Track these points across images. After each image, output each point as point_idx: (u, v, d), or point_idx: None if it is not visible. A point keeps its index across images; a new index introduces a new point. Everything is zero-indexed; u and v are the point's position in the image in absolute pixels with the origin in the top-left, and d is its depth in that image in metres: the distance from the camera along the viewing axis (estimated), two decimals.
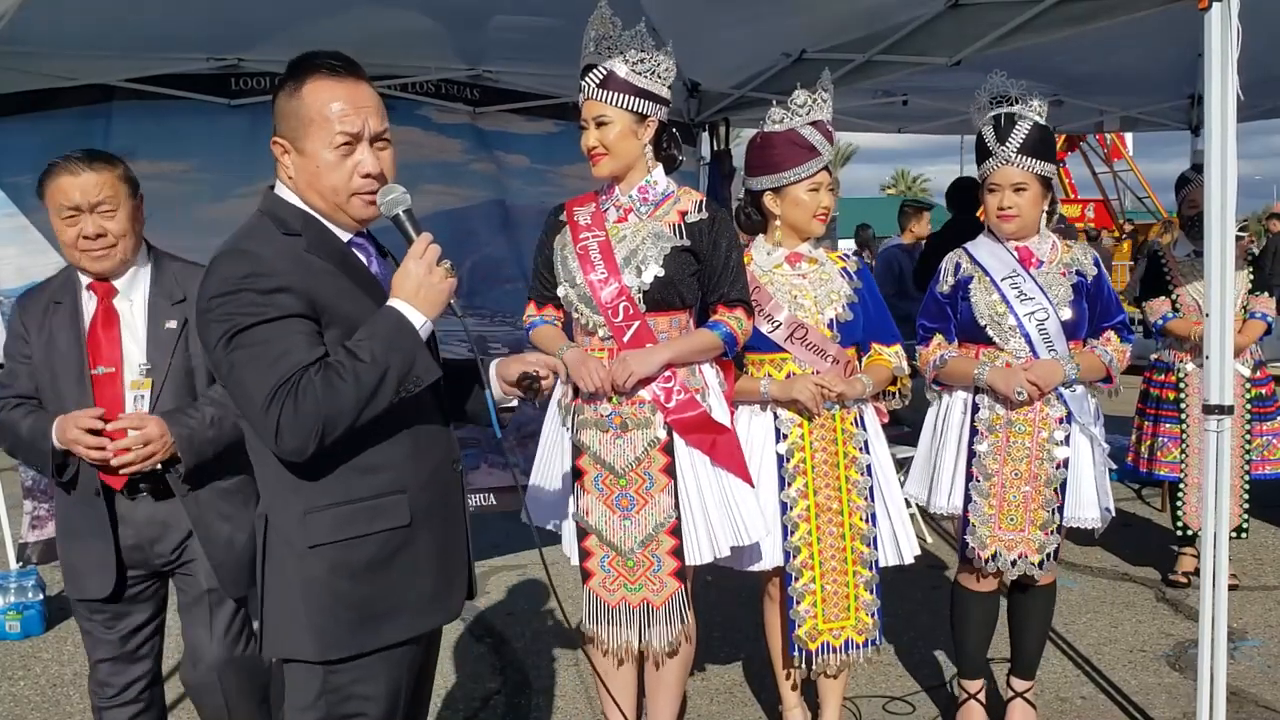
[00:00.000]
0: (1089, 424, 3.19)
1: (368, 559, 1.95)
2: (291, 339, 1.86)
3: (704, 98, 5.84)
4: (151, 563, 2.67)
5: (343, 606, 1.95)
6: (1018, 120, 3.15)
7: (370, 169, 1.97)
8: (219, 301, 1.87)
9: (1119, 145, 24.28)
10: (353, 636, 1.96)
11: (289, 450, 1.86)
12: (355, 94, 1.96)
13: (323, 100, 1.94)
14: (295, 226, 1.98)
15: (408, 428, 2.00)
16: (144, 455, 2.52)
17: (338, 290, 1.94)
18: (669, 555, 2.90)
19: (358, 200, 1.98)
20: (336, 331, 1.92)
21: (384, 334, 1.89)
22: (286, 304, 1.87)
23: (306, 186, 1.99)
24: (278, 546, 1.98)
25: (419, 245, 1.95)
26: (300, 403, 1.82)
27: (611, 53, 2.84)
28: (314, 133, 1.94)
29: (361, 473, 1.95)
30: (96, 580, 2.61)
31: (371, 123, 1.97)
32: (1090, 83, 5.93)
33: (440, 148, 5.10)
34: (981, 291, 3.24)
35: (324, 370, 1.85)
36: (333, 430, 1.85)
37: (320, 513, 1.94)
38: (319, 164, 1.95)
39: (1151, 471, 4.96)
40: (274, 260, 1.90)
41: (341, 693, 1.97)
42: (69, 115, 4.35)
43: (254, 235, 1.97)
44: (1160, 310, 4.79)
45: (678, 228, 2.91)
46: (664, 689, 3.04)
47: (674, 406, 2.88)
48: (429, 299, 1.93)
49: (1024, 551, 3.21)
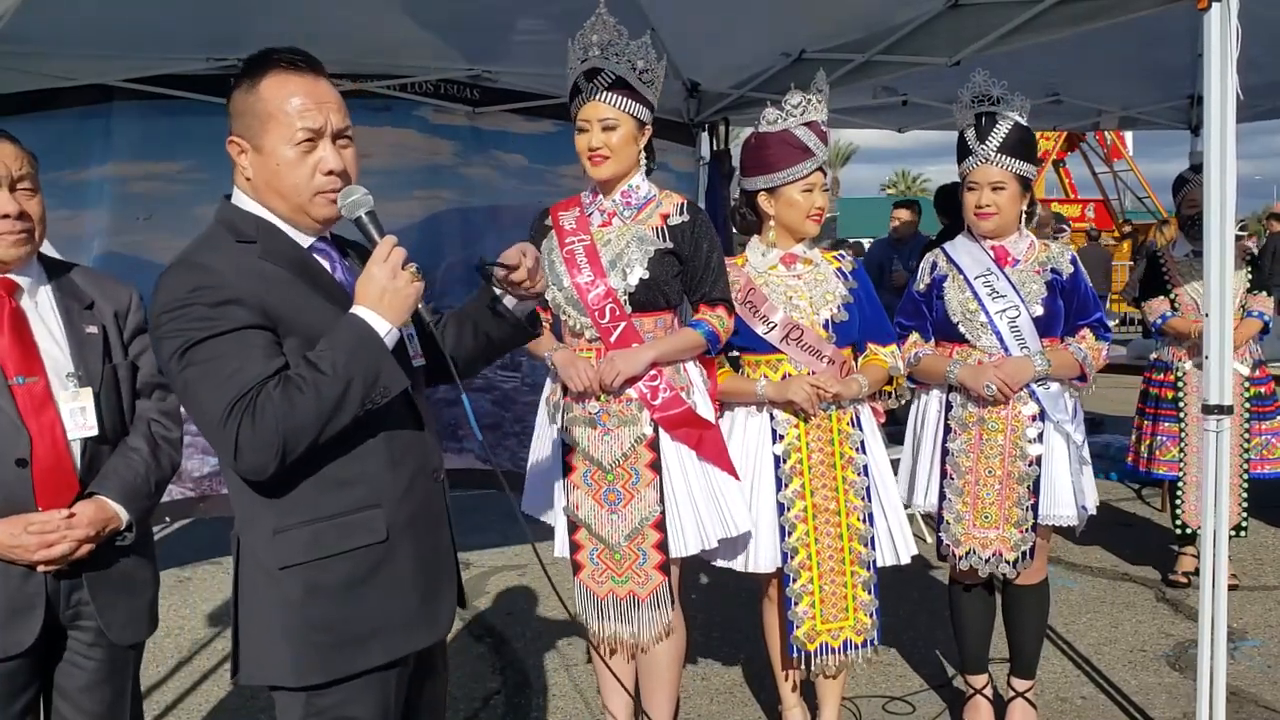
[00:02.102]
0: (1064, 421, 3.20)
1: (343, 578, 1.86)
2: (246, 352, 1.77)
3: (703, 98, 5.84)
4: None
5: (319, 631, 1.85)
6: (998, 120, 3.19)
7: (333, 166, 1.87)
8: (168, 317, 1.78)
9: (1119, 145, 24.30)
10: (331, 661, 1.85)
11: (249, 469, 1.77)
12: (316, 89, 1.87)
13: (282, 95, 1.85)
14: (249, 233, 1.89)
15: (382, 437, 1.89)
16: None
17: (295, 298, 1.85)
18: (654, 549, 2.96)
19: (320, 199, 1.88)
20: (296, 341, 1.83)
21: (346, 344, 1.79)
22: (238, 316, 1.77)
23: (265, 187, 1.89)
24: (249, 568, 1.90)
25: (383, 248, 1.84)
26: (259, 419, 1.73)
27: (619, 59, 2.90)
28: (273, 129, 1.85)
29: (334, 487, 1.85)
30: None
31: (334, 119, 1.88)
32: (1090, 83, 5.93)
33: (438, 148, 5.09)
34: (955, 290, 3.29)
35: (283, 384, 1.75)
36: (295, 447, 1.76)
37: (290, 531, 1.84)
38: (279, 162, 1.86)
39: (1150, 471, 4.96)
40: (224, 270, 1.80)
41: (328, 715, 1.88)
42: (69, 115, 4.35)
43: (204, 246, 1.89)
44: (1159, 310, 4.80)
45: (660, 231, 2.98)
46: (658, 681, 3.07)
47: (660, 404, 2.95)
48: (394, 305, 1.82)
49: (998, 550, 3.22)
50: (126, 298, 2.33)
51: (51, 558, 2.08)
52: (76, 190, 4.36)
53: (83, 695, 2.21)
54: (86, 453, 2.17)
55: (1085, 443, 3.29)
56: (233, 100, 1.90)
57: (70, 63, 4.21)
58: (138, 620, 2.27)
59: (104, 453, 2.21)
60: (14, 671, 2.11)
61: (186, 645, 4.47)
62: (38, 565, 2.09)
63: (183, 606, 4.93)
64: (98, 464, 2.19)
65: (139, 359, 2.31)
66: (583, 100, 2.91)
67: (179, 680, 4.11)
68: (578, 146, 2.95)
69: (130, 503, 2.18)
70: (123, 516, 2.17)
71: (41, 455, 2.10)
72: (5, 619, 2.08)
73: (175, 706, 3.88)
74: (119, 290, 2.33)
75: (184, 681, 4.09)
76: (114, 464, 2.20)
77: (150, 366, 2.33)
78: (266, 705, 3.82)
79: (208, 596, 5.09)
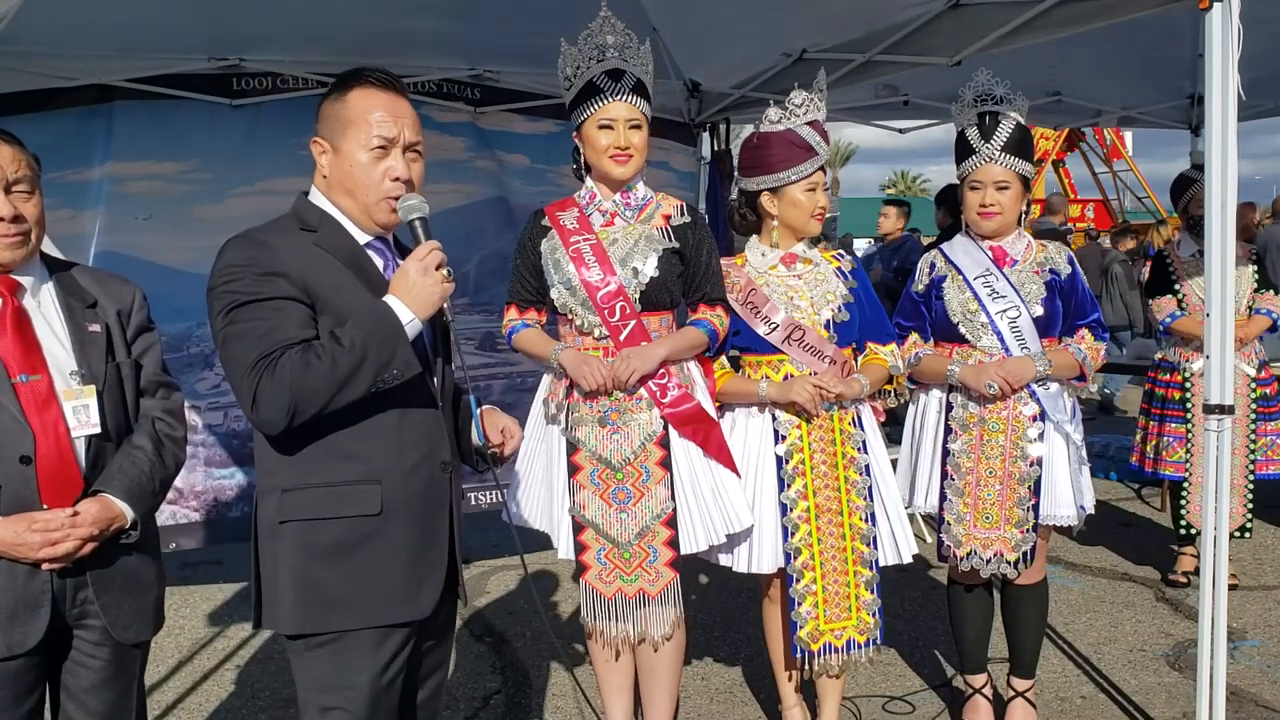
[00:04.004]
0: (1063, 421, 3.21)
1: (330, 542, 2.02)
2: (281, 318, 1.97)
3: (704, 98, 5.84)
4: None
5: (303, 584, 2.03)
6: (1001, 119, 3.21)
7: (400, 174, 2.08)
8: (222, 279, 2.00)
9: (1119, 145, 24.31)
10: (312, 615, 2.03)
11: (263, 421, 1.98)
12: (396, 105, 2.10)
13: (365, 106, 2.07)
14: (312, 223, 2.10)
15: (395, 420, 2.06)
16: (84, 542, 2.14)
17: (338, 283, 2.04)
18: (665, 546, 2.96)
19: (384, 204, 2.09)
20: (329, 319, 2.01)
21: (368, 324, 1.98)
22: (282, 288, 1.99)
23: (337, 185, 2.10)
24: (261, 523, 2.10)
25: (422, 249, 2.04)
26: (276, 377, 1.93)
27: (634, 63, 2.96)
28: (352, 134, 2.07)
29: (340, 458, 2.03)
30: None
31: (407, 132, 2.09)
32: (1090, 82, 5.94)
33: (443, 146, 5.09)
34: (955, 290, 3.29)
35: (305, 350, 1.95)
36: (306, 408, 1.95)
37: (295, 492, 2.03)
38: (352, 163, 2.07)
39: (1157, 471, 4.94)
40: (279, 249, 2.02)
41: (314, 672, 2.06)
42: (69, 115, 4.35)
43: (269, 227, 2.11)
44: (1167, 309, 4.79)
45: (665, 231, 3.02)
46: (660, 679, 3.07)
47: (669, 401, 2.97)
48: (420, 298, 2.01)
49: (1000, 550, 3.23)
50: (129, 297, 2.33)
51: (56, 556, 2.08)
52: (77, 190, 4.36)
53: (89, 694, 2.21)
54: (91, 450, 2.17)
55: (1084, 443, 3.29)
56: (322, 107, 2.13)
57: (71, 63, 4.22)
58: (143, 619, 2.27)
59: (108, 450, 2.20)
60: (21, 670, 2.11)
61: (187, 645, 4.46)
62: (42, 564, 2.09)
63: (183, 606, 4.93)
64: (102, 462, 2.18)
65: (142, 358, 2.32)
66: (605, 99, 2.92)
67: (179, 680, 4.11)
68: (596, 145, 2.94)
69: (135, 501, 2.18)
70: (128, 514, 2.17)
71: (45, 453, 2.10)
72: (11, 617, 2.09)
73: (176, 706, 3.88)
74: (122, 289, 2.33)
75: (184, 681, 4.09)
76: (118, 462, 2.20)
77: (153, 365, 2.33)
78: (267, 705, 3.84)
79: (208, 596, 5.09)
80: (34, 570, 2.10)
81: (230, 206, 4.49)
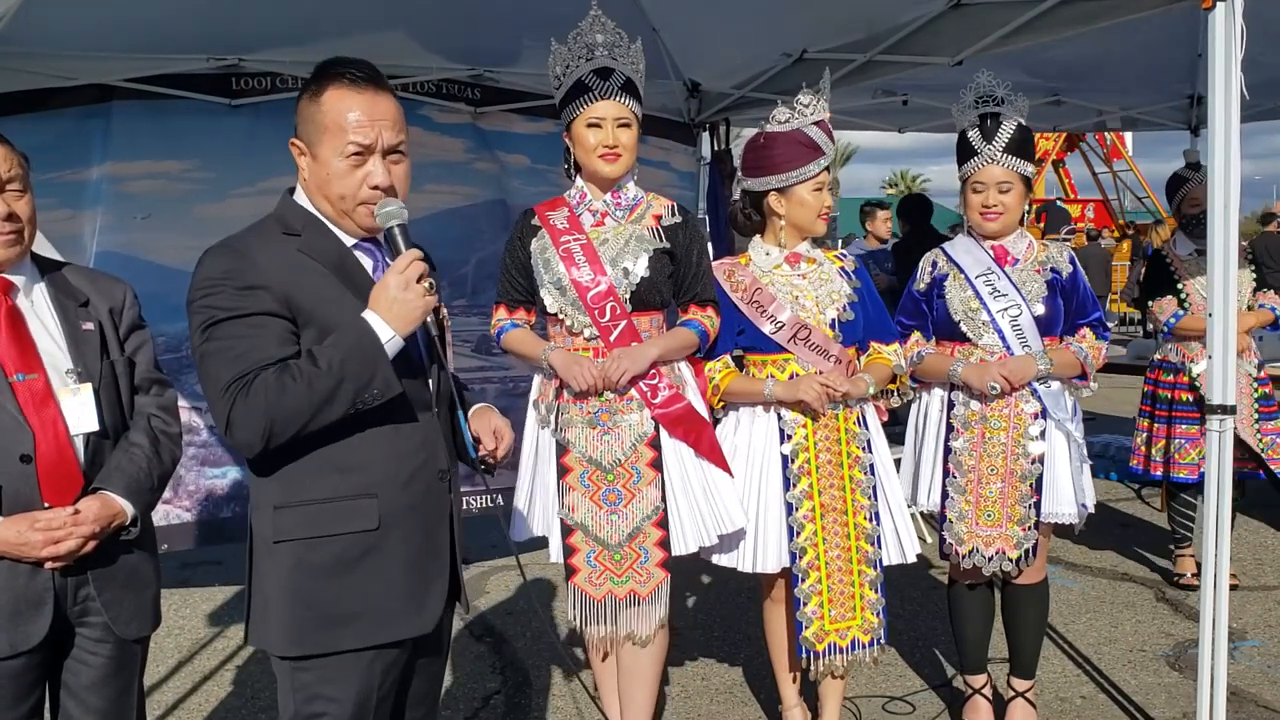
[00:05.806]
0: (1065, 420, 3.22)
1: (330, 560, 1.95)
2: (259, 336, 1.89)
3: (704, 98, 5.84)
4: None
5: (303, 605, 1.95)
6: (1003, 120, 3.21)
7: (379, 181, 1.97)
8: (200, 293, 1.92)
9: (1119, 145, 24.29)
10: (310, 636, 1.95)
11: (239, 444, 1.91)
12: (374, 106, 1.97)
13: (340, 109, 1.95)
14: (296, 227, 2.01)
15: (389, 432, 1.98)
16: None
17: (322, 291, 1.95)
18: (656, 546, 2.95)
19: (363, 209, 1.99)
20: (314, 332, 1.94)
21: (346, 344, 1.90)
22: (262, 302, 1.90)
23: (316, 190, 2.02)
24: (255, 539, 2.02)
25: (402, 261, 1.94)
26: (250, 399, 1.85)
27: (623, 61, 2.94)
28: (328, 140, 1.96)
29: (334, 472, 1.95)
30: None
31: (386, 136, 1.97)
32: (1090, 83, 5.93)
33: (442, 147, 5.08)
34: (956, 289, 3.30)
35: (281, 371, 1.87)
36: (282, 431, 1.87)
37: (289, 509, 1.95)
38: (329, 171, 1.97)
39: (1170, 474, 4.81)
40: (258, 258, 1.93)
41: (307, 691, 1.98)
42: (69, 115, 4.34)
43: (250, 233, 2.01)
44: (1170, 309, 4.74)
45: (656, 231, 3.01)
46: (640, 680, 3.05)
47: (660, 401, 2.96)
48: (401, 314, 1.92)
49: (1001, 548, 3.23)
50: (120, 294, 2.34)
51: (59, 554, 2.08)
52: (76, 190, 4.35)
53: (89, 692, 2.21)
54: (90, 448, 2.18)
55: (1084, 441, 3.29)
56: (298, 105, 2.02)
57: (70, 63, 4.21)
58: (143, 614, 2.28)
59: (106, 448, 2.21)
60: (23, 669, 2.12)
61: (187, 645, 4.46)
62: (45, 562, 2.09)
63: (183, 607, 4.93)
64: (101, 459, 2.19)
65: (135, 355, 2.33)
66: (593, 98, 2.91)
67: (179, 680, 4.11)
68: (585, 143, 2.94)
69: (135, 497, 2.19)
70: (128, 511, 2.18)
71: (45, 451, 2.10)
72: (14, 615, 2.09)
73: (176, 707, 3.87)
74: (113, 287, 2.34)
75: (184, 681, 4.09)
76: (117, 459, 2.21)
77: (147, 362, 2.34)
78: (267, 705, 3.83)
79: (208, 596, 5.09)
80: (36, 569, 2.10)
81: (230, 206, 4.48)
